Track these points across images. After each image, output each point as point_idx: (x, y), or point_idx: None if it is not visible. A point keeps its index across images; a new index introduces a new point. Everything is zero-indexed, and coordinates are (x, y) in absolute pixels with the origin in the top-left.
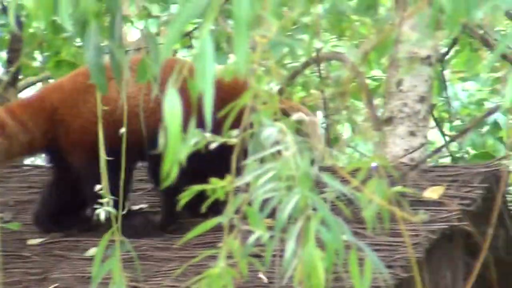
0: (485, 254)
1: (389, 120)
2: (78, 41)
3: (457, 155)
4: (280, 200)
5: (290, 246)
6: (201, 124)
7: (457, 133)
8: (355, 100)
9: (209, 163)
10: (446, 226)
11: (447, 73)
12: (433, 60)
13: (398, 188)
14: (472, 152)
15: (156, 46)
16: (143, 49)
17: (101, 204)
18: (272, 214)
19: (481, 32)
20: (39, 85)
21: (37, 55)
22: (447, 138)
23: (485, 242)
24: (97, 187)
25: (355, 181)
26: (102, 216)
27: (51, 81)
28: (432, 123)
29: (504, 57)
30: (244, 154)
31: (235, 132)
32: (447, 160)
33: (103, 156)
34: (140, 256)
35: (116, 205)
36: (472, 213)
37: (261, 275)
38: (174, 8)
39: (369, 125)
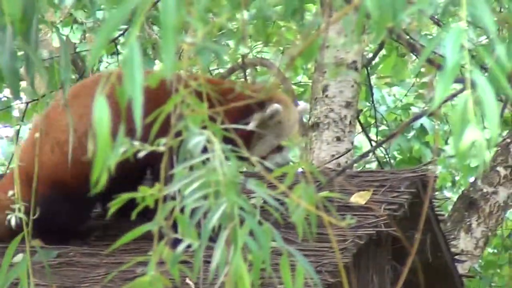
0: (415, 258)
1: (315, 126)
2: None
3: (384, 160)
4: (208, 208)
5: (217, 254)
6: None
7: (383, 138)
8: None
9: None
10: (373, 231)
11: (373, 78)
12: (359, 66)
13: (325, 193)
14: (399, 157)
15: (67, 52)
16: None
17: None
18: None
19: (407, 37)
20: None
21: None
22: (374, 144)
23: (412, 246)
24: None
25: (282, 186)
26: (13, 222)
27: None
28: (358, 128)
29: (430, 62)
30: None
31: (163, 140)
32: (374, 166)
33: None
34: (67, 262)
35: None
36: (399, 218)
37: (188, 281)
38: (99, 14)
39: None
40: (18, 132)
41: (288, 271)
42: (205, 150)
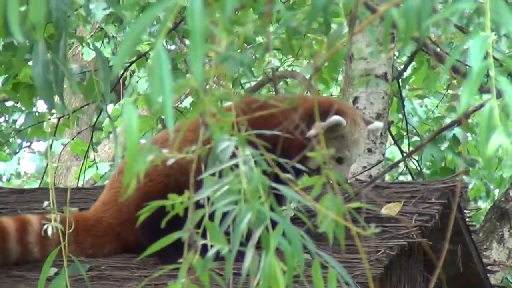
0: (441, 270)
1: None
2: None
3: (416, 172)
4: (237, 214)
5: (248, 255)
6: None
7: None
8: None
9: None
10: (405, 243)
11: (404, 90)
12: (390, 77)
13: (355, 204)
14: (430, 169)
15: (105, 63)
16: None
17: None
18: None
19: (437, 49)
20: None
21: None
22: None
23: (440, 258)
24: None
25: (309, 197)
26: (49, 232)
27: (8, 103)
28: (390, 140)
29: (456, 71)
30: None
31: (192, 147)
32: (409, 178)
33: None
34: (99, 275)
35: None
36: (430, 229)
37: None
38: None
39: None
40: (50, 147)
41: (319, 275)
42: (233, 156)
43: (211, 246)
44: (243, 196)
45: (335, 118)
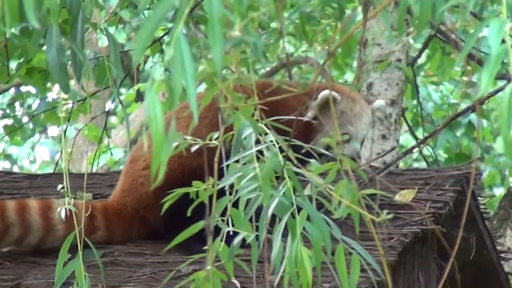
0: (455, 257)
1: None
2: None
3: (431, 159)
4: (257, 200)
5: (276, 243)
6: None
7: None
8: None
9: None
10: (418, 229)
11: (419, 76)
12: (404, 64)
13: (368, 190)
14: (445, 155)
15: (116, 48)
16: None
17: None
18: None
19: (453, 36)
20: (11, 91)
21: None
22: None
23: (454, 245)
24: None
25: (325, 183)
26: (63, 214)
27: (22, 88)
28: (405, 127)
29: (471, 57)
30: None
31: (215, 134)
32: (422, 164)
33: None
34: (112, 261)
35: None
36: (444, 216)
37: (234, 280)
38: (145, 14)
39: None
40: (64, 132)
41: (343, 261)
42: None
43: (234, 232)
44: (257, 183)
45: (324, 92)
